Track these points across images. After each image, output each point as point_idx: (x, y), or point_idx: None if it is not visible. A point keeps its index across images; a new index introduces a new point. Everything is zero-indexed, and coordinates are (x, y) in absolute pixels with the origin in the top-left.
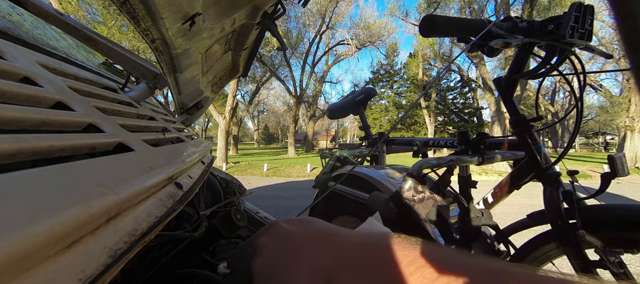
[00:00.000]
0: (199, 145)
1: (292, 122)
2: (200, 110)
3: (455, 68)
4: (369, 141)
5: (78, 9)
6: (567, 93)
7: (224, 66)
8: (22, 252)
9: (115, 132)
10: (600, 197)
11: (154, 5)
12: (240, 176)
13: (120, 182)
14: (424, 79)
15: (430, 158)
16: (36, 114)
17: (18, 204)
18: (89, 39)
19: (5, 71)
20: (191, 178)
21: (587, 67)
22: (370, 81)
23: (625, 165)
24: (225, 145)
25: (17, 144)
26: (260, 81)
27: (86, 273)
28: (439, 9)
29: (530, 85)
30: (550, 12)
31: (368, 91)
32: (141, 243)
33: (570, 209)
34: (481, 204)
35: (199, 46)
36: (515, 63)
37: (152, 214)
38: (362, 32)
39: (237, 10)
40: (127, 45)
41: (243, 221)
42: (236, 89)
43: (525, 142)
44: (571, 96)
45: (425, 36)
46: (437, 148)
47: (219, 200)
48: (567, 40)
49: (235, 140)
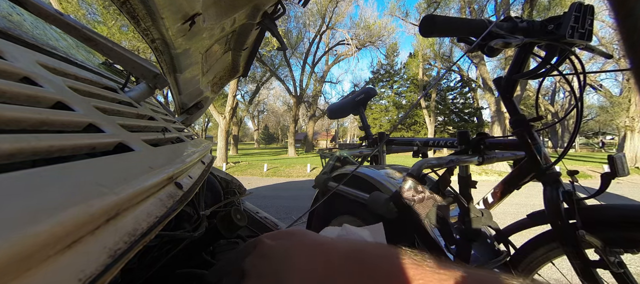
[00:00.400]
0: (199, 145)
1: (292, 122)
2: (200, 110)
3: (455, 68)
4: (369, 141)
5: (78, 9)
6: (567, 93)
7: (224, 66)
8: (22, 252)
9: (115, 132)
10: (600, 197)
11: (154, 5)
12: (240, 176)
13: (120, 182)
14: (424, 79)
15: (430, 158)
16: (36, 114)
17: (18, 204)
18: (89, 39)
19: (5, 70)
20: (191, 178)
21: (587, 67)
22: (370, 81)
23: (625, 165)
24: (225, 145)
25: (17, 144)
26: (260, 81)
27: (86, 273)
28: (439, 9)
29: (530, 85)
30: (550, 12)
31: (368, 91)
32: (141, 243)
33: (570, 209)
34: (481, 204)
35: (199, 46)
36: (515, 63)
37: (152, 214)
38: (362, 32)
39: (237, 10)
40: (127, 45)
41: (243, 221)
42: (236, 89)
43: (525, 142)
44: (571, 96)
45: (425, 36)
46: (437, 148)
47: (219, 200)
48: (567, 40)
49: (235, 140)
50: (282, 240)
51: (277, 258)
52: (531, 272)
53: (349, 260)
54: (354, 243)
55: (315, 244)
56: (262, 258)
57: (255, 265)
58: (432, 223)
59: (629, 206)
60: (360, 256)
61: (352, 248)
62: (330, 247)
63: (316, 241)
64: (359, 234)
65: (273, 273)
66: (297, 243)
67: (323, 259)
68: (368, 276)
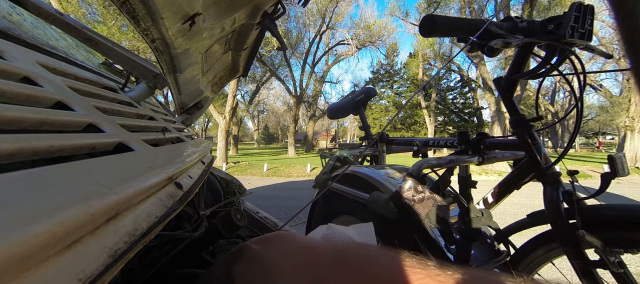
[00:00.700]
0: (199, 145)
1: (292, 122)
2: (200, 110)
3: (455, 68)
4: (369, 141)
5: (78, 9)
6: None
7: (224, 66)
8: (22, 252)
9: (115, 132)
10: (600, 197)
11: (154, 5)
12: (240, 176)
13: (120, 182)
14: (423, 79)
15: (430, 158)
16: (36, 114)
17: (18, 204)
18: (89, 39)
19: (5, 70)
20: (191, 178)
21: (587, 67)
22: (370, 81)
23: (625, 165)
24: (225, 145)
25: (17, 144)
26: (260, 81)
27: (86, 273)
28: (439, 9)
29: (530, 85)
30: (550, 12)
31: (368, 90)
32: (141, 243)
33: (570, 209)
34: (481, 204)
35: (199, 46)
36: (515, 63)
37: (152, 214)
38: (362, 32)
39: (237, 10)
40: (127, 45)
41: (243, 221)
42: (236, 89)
43: (525, 142)
44: (571, 96)
45: (425, 36)
46: (437, 148)
47: (219, 200)
48: (567, 40)
49: (235, 140)
50: (269, 245)
51: (265, 264)
52: (531, 272)
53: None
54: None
55: (301, 249)
56: (249, 265)
57: (244, 272)
58: (432, 223)
59: (629, 206)
60: (344, 258)
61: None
62: (315, 250)
63: (303, 246)
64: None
65: (261, 280)
66: (284, 248)
67: (310, 265)
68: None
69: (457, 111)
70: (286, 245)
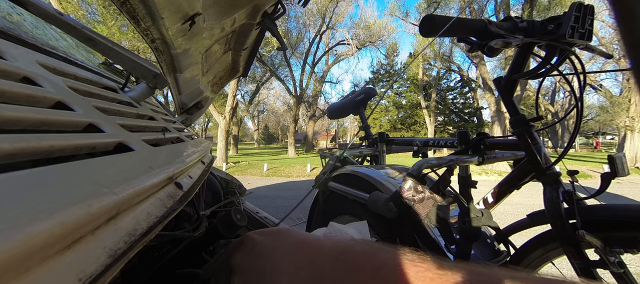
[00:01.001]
0: (199, 145)
1: (292, 122)
2: (200, 110)
3: (455, 68)
4: (369, 141)
5: (78, 9)
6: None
7: (224, 66)
8: (22, 252)
9: (115, 132)
10: (600, 197)
11: (154, 5)
12: (240, 176)
13: (120, 182)
14: (424, 78)
15: (430, 158)
16: (36, 114)
17: (18, 204)
18: (89, 39)
19: (5, 70)
20: (191, 178)
21: (587, 67)
22: (370, 81)
23: (625, 165)
24: (225, 145)
25: (17, 144)
26: (260, 81)
27: (86, 273)
28: (439, 9)
29: (530, 85)
30: (550, 12)
31: (368, 90)
32: (141, 243)
33: (570, 209)
34: (481, 204)
35: (199, 46)
36: (515, 63)
37: (152, 214)
38: (362, 32)
39: (237, 10)
40: (127, 45)
41: (243, 221)
42: (236, 89)
43: (525, 142)
44: (571, 96)
45: (425, 36)
46: (437, 148)
47: (219, 200)
48: (567, 40)
49: (235, 140)
50: (269, 237)
51: (265, 253)
52: (531, 272)
53: (335, 259)
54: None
55: (301, 244)
56: (250, 253)
57: (244, 261)
58: (432, 223)
59: (629, 206)
60: (346, 254)
61: (337, 247)
62: (316, 246)
63: (302, 241)
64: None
65: (261, 267)
66: (283, 242)
67: (309, 259)
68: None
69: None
70: (287, 239)
